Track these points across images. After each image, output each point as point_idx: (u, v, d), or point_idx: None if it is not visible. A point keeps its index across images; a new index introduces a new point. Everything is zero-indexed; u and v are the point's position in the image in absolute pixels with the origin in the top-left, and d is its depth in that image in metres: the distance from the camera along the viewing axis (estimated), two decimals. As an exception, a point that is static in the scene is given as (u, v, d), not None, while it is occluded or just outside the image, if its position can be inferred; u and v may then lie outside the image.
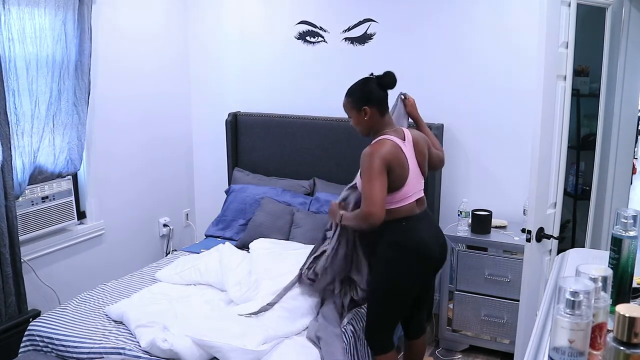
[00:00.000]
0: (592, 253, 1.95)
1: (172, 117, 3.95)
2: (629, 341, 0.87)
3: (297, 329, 2.38)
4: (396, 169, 2.20)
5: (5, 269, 2.64)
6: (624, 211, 1.27)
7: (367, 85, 2.30)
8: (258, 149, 3.78)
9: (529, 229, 2.32)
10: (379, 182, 2.14)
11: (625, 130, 2.97)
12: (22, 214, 2.84)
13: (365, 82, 2.32)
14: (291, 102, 3.76)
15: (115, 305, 2.54)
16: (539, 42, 2.20)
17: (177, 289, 2.76)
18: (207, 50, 3.99)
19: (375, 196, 2.13)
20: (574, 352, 0.95)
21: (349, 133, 3.46)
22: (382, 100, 2.29)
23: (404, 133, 2.30)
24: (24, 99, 2.73)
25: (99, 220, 3.40)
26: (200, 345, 2.15)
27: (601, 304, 1.05)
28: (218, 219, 3.60)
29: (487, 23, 3.22)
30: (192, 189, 4.24)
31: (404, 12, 3.39)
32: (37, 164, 2.85)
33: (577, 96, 3.34)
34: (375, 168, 2.15)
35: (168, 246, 3.99)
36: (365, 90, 2.29)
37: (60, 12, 2.85)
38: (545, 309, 1.38)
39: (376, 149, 2.20)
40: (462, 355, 3.19)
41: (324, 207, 3.32)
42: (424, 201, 2.38)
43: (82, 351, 2.28)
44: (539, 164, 2.28)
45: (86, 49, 3.00)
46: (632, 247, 1.27)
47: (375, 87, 2.29)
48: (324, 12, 3.60)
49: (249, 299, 2.52)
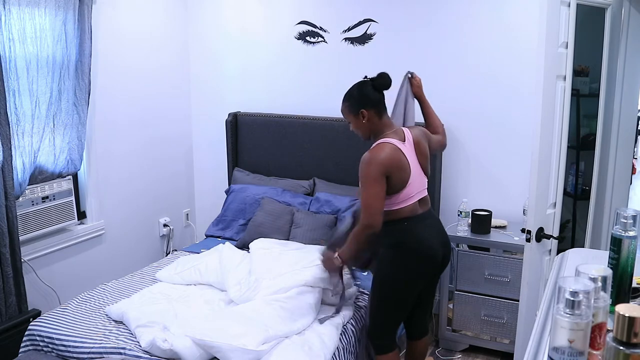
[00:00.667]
0: (591, 253, 1.95)
1: (172, 117, 3.96)
2: (629, 341, 0.87)
3: (297, 329, 2.37)
4: (396, 173, 2.19)
5: (6, 269, 2.64)
6: (624, 211, 1.27)
7: (362, 89, 2.30)
8: (258, 149, 3.78)
9: (529, 229, 2.32)
10: (376, 190, 2.15)
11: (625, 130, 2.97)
12: (22, 214, 2.84)
13: (360, 86, 2.32)
14: (291, 102, 3.76)
15: (116, 305, 2.54)
16: (539, 42, 2.20)
17: (177, 289, 2.76)
18: (207, 50, 3.99)
19: (372, 206, 2.14)
20: (573, 352, 0.96)
21: (348, 133, 3.43)
22: (379, 101, 2.29)
23: (404, 134, 2.30)
24: (24, 99, 2.73)
25: (99, 220, 3.40)
26: (200, 345, 2.15)
27: (601, 303, 1.05)
28: (218, 219, 3.60)
29: (487, 23, 3.22)
30: (192, 189, 4.25)
31: (404, 12, 3.39)
32: (37, 164, 2.85)
33: (577, 96, 3.34)
34: (372, 176, 2.14)
35: (168, 246, 3.99)
36: (361, 93, 2.29)
37: (60, 12, 2.85)
38: (545, 308, 1.38)
39: (374, 155, 2.19)
40: (462, 355, 3.19)
41: (324, 207, 3.32)
42: (427, 201, 2.37)
43: (83, 351, 2.28)
44: (538, 164, 2.28)
45: (86, 49, 3.00)
46: (632, 247, 1.27)
47: (370, 90, 2.29)
48: (324, 12, 3.60)
49: (249, 299, 2.52)
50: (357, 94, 2.31)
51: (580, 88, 3.36)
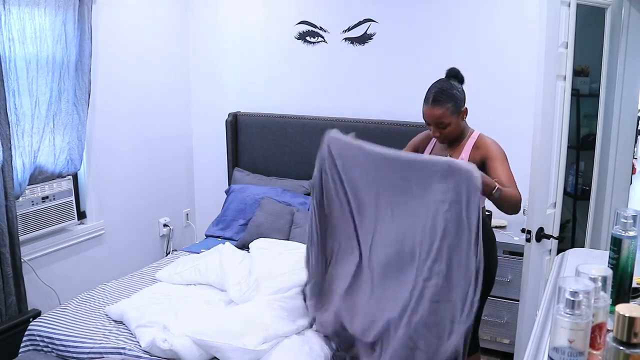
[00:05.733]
0: (591, 253, 1.95)
1: (172, 117, 3.96)
2: (629, 341, 0.88)
3: (297, 329, 2.37)
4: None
5: (6, 269, 2.64)
6: (624, 211, 1.27)
7: (456, 86, 2.18)
8: (258, 149, 3.78)
9: (529, 229, 2.32)
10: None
11: (625, 130, 2.97)
12: (22, 214, 2.84)
13: (452, 84, 2.17)
14: (291, 102, 3.76)
15: (116, 305, 2.53)
16: (539, 42, 2.20)
17: (177, 289, 2.75)
18: (207, 49, 3.99)
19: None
20: (573, 352, 0.96)
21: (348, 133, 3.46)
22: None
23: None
24: (24, 99, 2.73)
25: (99, 220, 3.40)
26: (200, 345, 2.15)
27: (601, 303, 1.05)
28: (218, 219, 3.60)
29: (486, 23, 3.22)
30: (192, 189, 4.24)
31: (404, 12, 3.39)
32: (37, 164, 2.85)
33: (577, 96, 3.34)
34: (506, 157, 2.14)
35: (168, 246, 3.99)
36: (460, 90, 2.18)
37: (60, 12, 2.85)
38: (545, 309, 1.38)
39: (494, 140, 2.20)
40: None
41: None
42: None
43: (82, 351, 2.27)
44: (538, 164, 2.28)
45: (86, 49, 3.00)
46: (632, 247, 1.27)
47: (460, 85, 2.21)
48: (324, 12, 3.60)
49: (249, 298, 2.52)
50: (459, 93, 2.16)
51: (580, 88, 3.37)
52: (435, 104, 2.13)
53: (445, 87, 2.16)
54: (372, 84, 3.50)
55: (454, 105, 2.14)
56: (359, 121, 3.43)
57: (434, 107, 2.13)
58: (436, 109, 2.12)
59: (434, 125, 2.17)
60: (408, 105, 3.28)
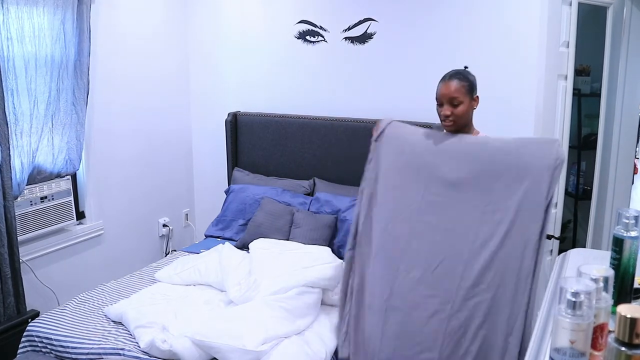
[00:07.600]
0: (593, 253, 1.94)
1: (171, 117, 3.95)
2: (630, 342, 0.87)
3: (296, 329, 2.37)
4: None
5: (4, 270, 2.64)
6: (626, 211, 1.26)
7: (472, 74, 2.21)
8: (258, 149, 3.78)
9: (530, 229, 2.30)
10: None
11: (626, 129, 2.96)
12: (20, 214, 2.83)
13: (468, 71, 2.22)
14: (291, 101, 3.75)
15: (115, 305, 2.53)
16: (540, 42, 2.19)
17: (177, 289, 2.75)
18: (206, 49, 3.98)
19: None
20: (575, 352, 0.95)
21: (349, 133, 3.46)
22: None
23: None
24: (22, 99, 2.73)
25: (98, 220, 3.39)
26: (200, 345, 2.14)
27: (602, 304, 1.04)
28: (218, 219, 3.60)
29: (487, 21, 3.21)
30: (192, 189, 4.24)
31: (404, 11, 3.38)
32: (35, 163, 2.85)
33: (578, 95, 3.33)
34: None
35: (167, 246, 3.99)
36: (474, 78, 2.21)
37: (59, 11, 2.84)
38: (546, 309, 1.37)
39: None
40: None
41: (324, 207, 3.31)
42: None
43: (81, 352, 2.27)
44: (539, 163, 2.26)
45: (85, 49, 3.00)
46: (634, 248, 1.26)
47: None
48: (323, 12, 3.59)
49: (249, 299, 2.51)
50: (473, 79, 2.20)
51: (581, 87, 3.36)
52: (452, 79, 2.16)
53: (462, 71, 2.20)
54: (372, 84, 3.49)
55: (469, 85, 2.16)
56: (359, 121, 3.42)
57: (451, 81, 2.16)
58: (453, 82, 2.15)
59: (447, 103, 2.15)
60: (409, 104, 3.27)
